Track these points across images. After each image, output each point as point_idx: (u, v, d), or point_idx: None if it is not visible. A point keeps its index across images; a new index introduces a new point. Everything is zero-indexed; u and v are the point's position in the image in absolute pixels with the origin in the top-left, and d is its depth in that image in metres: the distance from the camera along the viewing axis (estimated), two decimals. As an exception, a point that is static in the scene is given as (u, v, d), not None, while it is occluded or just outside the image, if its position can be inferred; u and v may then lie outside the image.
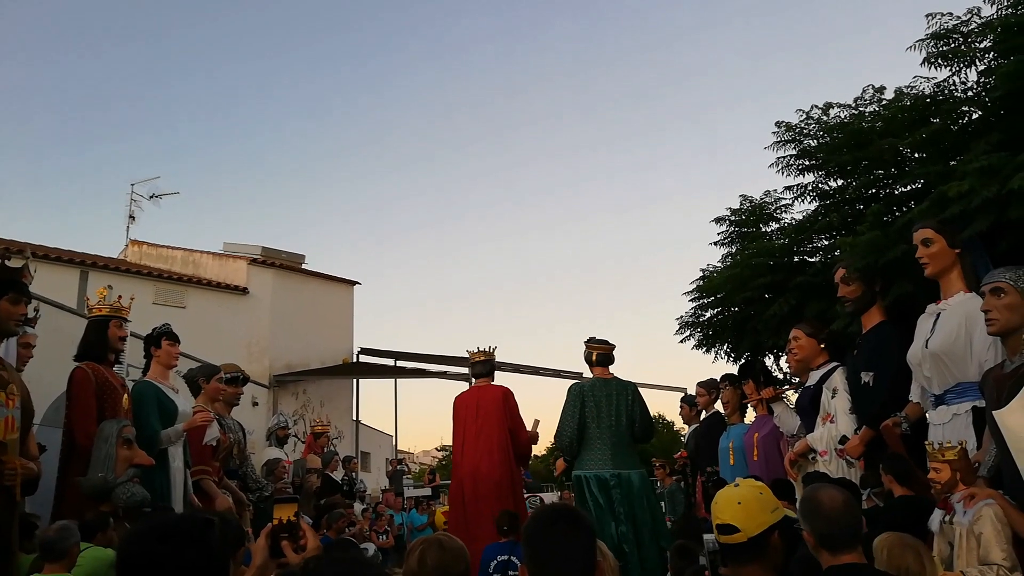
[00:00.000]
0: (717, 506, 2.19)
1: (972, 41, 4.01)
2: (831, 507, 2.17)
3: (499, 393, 6.25)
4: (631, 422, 5.59)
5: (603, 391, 5.65)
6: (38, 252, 11.12)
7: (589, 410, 5.58)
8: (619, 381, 5.75)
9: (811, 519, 2.21)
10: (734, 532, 2.11)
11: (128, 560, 1.47)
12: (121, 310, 4.78)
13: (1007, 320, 3.05)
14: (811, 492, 2.31)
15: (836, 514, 2.16)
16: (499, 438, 6.02)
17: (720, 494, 2.23)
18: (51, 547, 3.18)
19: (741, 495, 2.21)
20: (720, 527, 2.14)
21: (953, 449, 3.09)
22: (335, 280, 16.58)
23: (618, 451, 5.53)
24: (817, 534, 2.18)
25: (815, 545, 2.21)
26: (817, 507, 2.20)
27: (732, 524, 2.12)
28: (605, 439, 5.53)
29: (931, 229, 3.73)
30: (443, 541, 2.31)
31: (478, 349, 6.44)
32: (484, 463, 5.96)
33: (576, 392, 5.68)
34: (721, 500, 2.20)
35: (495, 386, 6.36)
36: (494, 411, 6.10)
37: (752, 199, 5.84)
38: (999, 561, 2.74)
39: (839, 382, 4.53)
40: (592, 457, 5.54)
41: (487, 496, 5.80)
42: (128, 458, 4.16)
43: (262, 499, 5.94)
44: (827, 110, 4.92)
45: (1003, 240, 3.63)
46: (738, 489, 2.24)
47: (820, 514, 2.18)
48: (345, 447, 14.26)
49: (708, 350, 6.32)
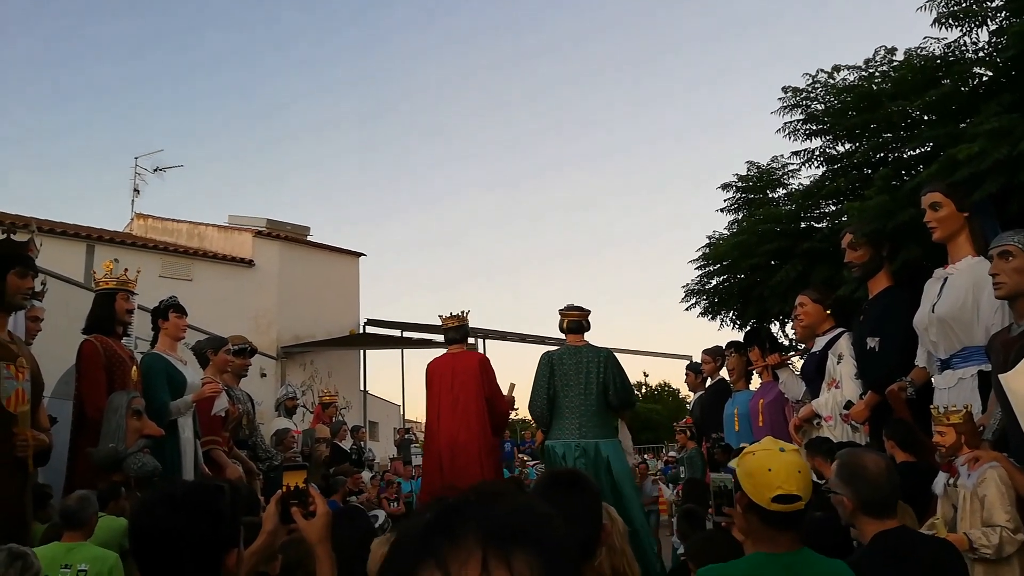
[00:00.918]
0: (778, 476, 2.01)
1: (984, 0, 3.93)
2: (877, 472, 2.14)
3: (475, 361, 6.07)
4: (604, 389, 5.49)
5: (572, 359, 5.55)
6: (43, 227, 11.14)
7: (558, 379, 5.50)
8: (591, 348, 5.65)
9: (856, 484, 2.15)
10: (797, 501, 1.99)
11: (141, 528, 1.49)
12: (128, 283, 4.79)
13: (1015, 283, 3.04)
14: (853, 457, 2.26)
15: (883, 479, 2.13)
16: (477, 407, 5.86)
17: (776, 461, 2.05)
18: (72, 516, 3.26)
19: (798, 463, 2.06)
20: (783, 497, 1.98)
21: (958, 413, 3.09)
22: (341, 252, 16.60)
23: (586, 420, 5.46)
24: (862, 499, 2.14)
25: (854, 510, 2.16)
26: (862, 472, 2.16)
27: (797, 494, 1.98)
28: (574, 408, 5.46)
29: (940, 193, 3.70)
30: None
31: (450, 314, 6.23)
32: (462, 434, 5.79)
33: (545, 361, 5.61)
34: (782, 469, 2.02)
35: (471, 353, 6.22)
36: (471, 380, 5.90)
37: (759, 165, 5.78)
38: (1003, 523, 2.75)
39: (845, 348, 4.53)
40: (560, 427, 5.50)
41: (466, 467, 5.65)
42: (138, 429, 4.20)
43: (272, 468, 6.00)
44: (834, 73, 4.85)
45: (1013, 203, 3.60)
46: (791, 456, 2.08)
47: (866, 479, 2.14)
48: (353, 417, 14.38)
49: (714, 317, 6.31)
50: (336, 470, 7.59)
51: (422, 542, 0.70)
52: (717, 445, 5.68)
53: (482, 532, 0.69)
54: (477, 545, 0.68)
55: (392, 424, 19.06)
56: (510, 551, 0.68)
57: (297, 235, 16.05)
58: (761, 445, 2.16)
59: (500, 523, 0.70)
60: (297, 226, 16.22)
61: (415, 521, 0.73)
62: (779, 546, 2.01)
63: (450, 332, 6.22)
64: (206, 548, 1.46)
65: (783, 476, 2.00)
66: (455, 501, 0.74)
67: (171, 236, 15.81)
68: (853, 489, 2.17)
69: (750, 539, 2.09)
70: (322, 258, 16.15)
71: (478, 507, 0.72)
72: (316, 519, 1.79)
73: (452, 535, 0.69)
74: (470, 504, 0.73)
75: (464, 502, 0.73)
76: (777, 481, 2.00)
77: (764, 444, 2.16)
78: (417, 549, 0.70)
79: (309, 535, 1.78)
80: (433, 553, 0.68)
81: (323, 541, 1.76)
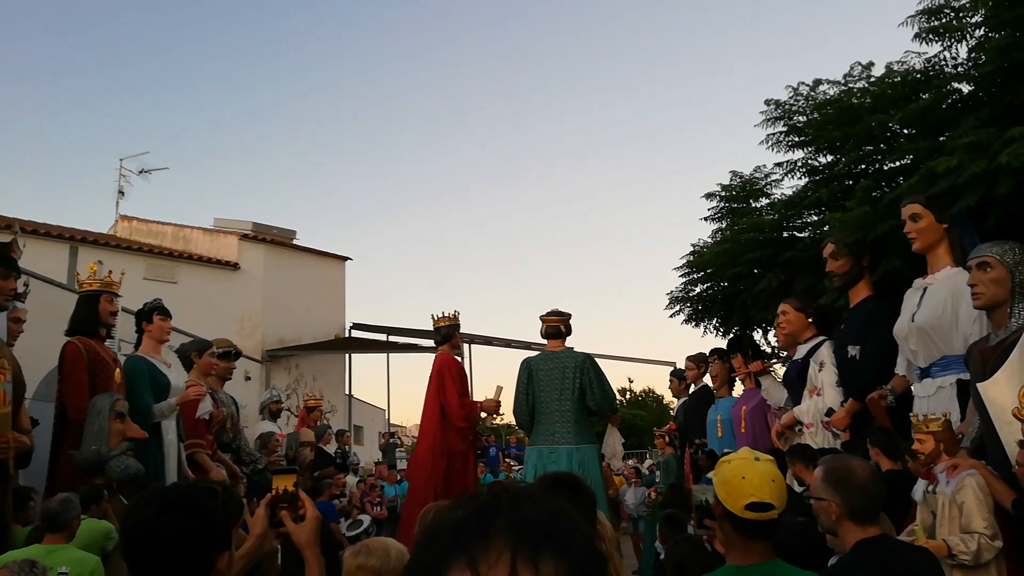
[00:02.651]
0: (751, 484, 2.02)
1: (963, 16, 4.00)
2: (864, 478, 2.15)
3: (437, 363, 5.96)
4: (581, 394, 5.47)
5: (548, 364, 5.54)
6: (27, 227, 11.03)
7: (535, 384, 5.49)
8: (569, 353, 5.63)
9: (844, 490, 2.17)
10: (770, 509, 2.00)
11: (132, 531, 1.49)
12: (112, 285, 4.77)
13: (993, 294, 3.10)
14: (841, 463, 2.27)
15: (871, 485, 2.14)
16: (431, 410, 5.79)
17: (750, 470, 2.06)
18: (54, 518, 3.24)
19: (772, 472, 2.08)
20: (756, 505, 1.99)
21: (937, 421, 3.14)
22: (327, 255, 16.55)
23: (561, 426, 5.45)
24: (849, 505, 2.15)
25: (840, 516, 2.17)
26: (850, 477, 2.17)
27: (770, 503, 2.00)
28: (550, 414, 5.45)
29: (919, 204, 3.76)
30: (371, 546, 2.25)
31: (439, 315, 6.10)
32: (421, 439, 5.82)
33: (524, 367, 5.61)
34: (755, 477, 2.04)
35: (439, 355, 6.05)
36: (432, 382, 5.85)
37: (742, 175, 5.84)
38: (980, 530, 2.80)
39: (826, 356, 4.59)
40: (537, 432, 5.51)
41: (416, 470, 5.71)
42: (121, 431, 4.18)
43: (255, 472, 5.98)
44: (816, 86, 4.91)
45: (991, 215, 3.66)
46: (766, 465, 2.09)
47: (854, 485, 2.15)
48: (338, 421, 14.33)
49: (697, 324, 6.35)
50: (320, 474, 7.58)
51: (453, 539, 0.71)
52: (701, 451, 5.72)
53: (512, 533, 0.69)
54: (507, 546, 0.68)
55: (377, 428, 19.00)
56: (539, 554, 0.68)
57: (283, 238, 15.98)
58: (738, 454, 2.19)
59: (530, 525, 0.71)
60: (283, 229, 16.15)
61: (444, 519, 0.74)
62: (752, 556, 2.02)
63: (433, 335, 6.19)
64: (198, 550, 1.47)
65: (756, 484, 2.03)
66: (486, 501, 0.74)
67: (156, 238, 15.69)
68: (842, 496, 2.18)
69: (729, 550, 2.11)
70: (308, 262, 16.09)
71: (509, 508, 0.73)
72: (305, 523, 1.80)
73: (484, 534, 0.70)
74: (501, 505, 0.73)
75: (495, 502, 0.74)
76: (750, 489, 2.02)
77: (740, 453, 2.18)
78: (447, 546, 0.70)
79: (298, 539, 1.78)
80: (464, 551, 0.69)
81: (312, 545, 1.77)
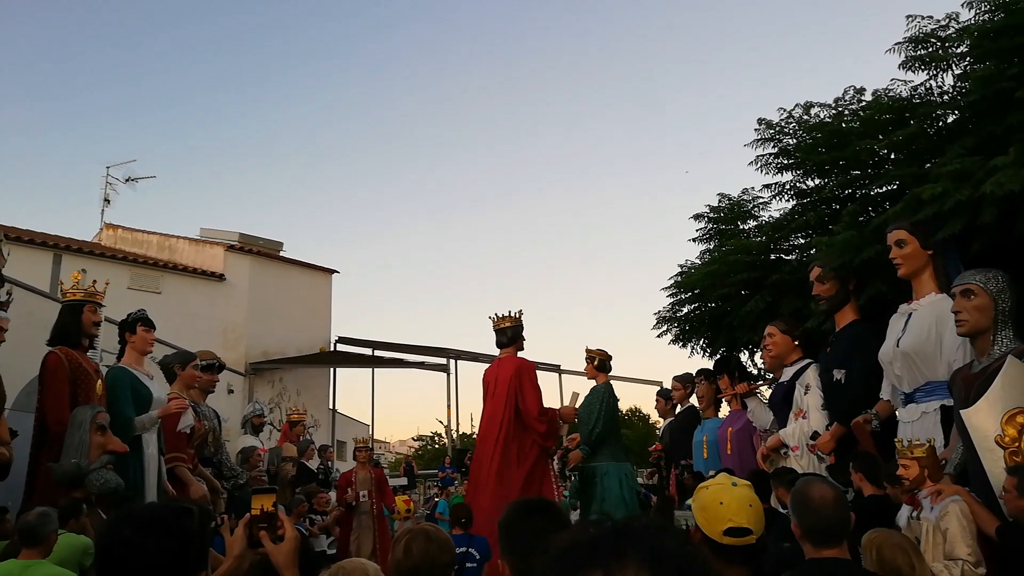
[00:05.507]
0: (729, 509, 2.04)
1: (949, 46, 4.07)
2: (821, 502, 2.20)
3: (511, 368, 5.56)
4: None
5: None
6: (10, 234, 10.90)
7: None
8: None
9: (799, 511, 2.24)
10: (748, 534, 2.01)
11: (107, 549, 1.47)
12: (96, 295, 4.72)
13: (976, 321, 3.12)
14: (803, 486, 2.33)
15: (825, 509, 2.19)
16: (506, 420, 5.43)
17: (727, 495, 2.08)
18: (31, 532, 3.16)
19: (750, 497, 2.10)
20: (734, 531, 2.01)
21: (922, 447, 3.15)
22: (313, 268, 16.49)
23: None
24: (803, 526, 2.22)
25: (801, 536, 2.24)
26: (807, 500, 2.23)
27: (748, 528, 2.01)
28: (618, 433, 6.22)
29: (905, 230, 3.80)
30: (429, 532, 2.30)
31: (502, 315, 5.74)
32: (488, 449, 5.46)
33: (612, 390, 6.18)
34: (733, 502, 2.05)
35: (512, 359, 5.64)
36: (506, 390, 5.47)
37: (730, 197, 5.89)
38: (964, 556, 2.81)
39: (812, 379, 4.61)
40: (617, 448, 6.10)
41: (483, 485, 5.40)
42: (102, 444, 4.12)
43: (237, 487, 5.91)
44: (808, 109, 4.97)
45: (975, 242, 3.70)
46: (743, 490, 2.11)
47: (809, 507, 2.21)
48: (321, 436, 14.21)
49: (684, 345, 6.38)
50: (303, 490, 7.49)
51: (591, 552, 0.74)
52: (686, 472, 5.71)
53: (649, 559, 0.72)
54: (644, 569, 0.71)
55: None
56: None
57: (270, 250, 15.91)
58: (715, 480, 2.21)
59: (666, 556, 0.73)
60: (270, 241, 16.09)
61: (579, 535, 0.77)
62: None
63: (498, 335, 5.73)
64: (173, 571, 1.45)
65: (734, 509, 2.04)
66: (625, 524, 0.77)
67: (141, 247, 15.58)
68: (798, 516, 2.25)
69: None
70: (294, 274, 16.02)
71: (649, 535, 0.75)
72: (284, 543, 1.78)
73: (621, 553, 0.73)
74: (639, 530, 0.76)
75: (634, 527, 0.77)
76: (728, 514, 2.03)
77: (718, 479, 2.20)
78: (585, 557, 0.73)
79: (276, 560, 1.76)
80: (602, 564, 0.72)
81: (290, 566, 1.75)
